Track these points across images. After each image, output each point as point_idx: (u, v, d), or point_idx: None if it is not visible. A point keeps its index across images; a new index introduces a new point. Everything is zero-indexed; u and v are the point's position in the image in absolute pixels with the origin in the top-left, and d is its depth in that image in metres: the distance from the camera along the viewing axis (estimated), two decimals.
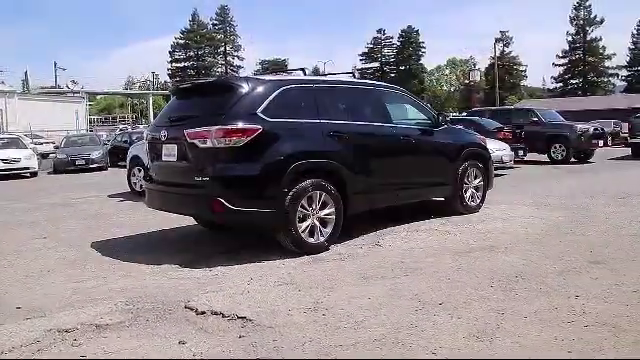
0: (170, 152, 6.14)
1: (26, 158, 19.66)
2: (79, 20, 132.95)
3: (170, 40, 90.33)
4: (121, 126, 43.54)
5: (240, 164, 5.67)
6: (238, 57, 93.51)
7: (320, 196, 6.10)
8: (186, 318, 4.07)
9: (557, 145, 18.47)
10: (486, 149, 8.83)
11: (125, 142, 23.63)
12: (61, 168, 21.06)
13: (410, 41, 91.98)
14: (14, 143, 21.05)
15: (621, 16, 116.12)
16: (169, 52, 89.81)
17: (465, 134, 8.69)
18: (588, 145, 18.71)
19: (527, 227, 7.12)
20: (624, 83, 78.68)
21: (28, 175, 19.69)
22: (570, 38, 78.23)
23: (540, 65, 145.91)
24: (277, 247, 6.01)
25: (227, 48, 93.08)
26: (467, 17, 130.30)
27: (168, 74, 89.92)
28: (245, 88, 5.90)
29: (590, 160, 18.88)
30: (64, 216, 9.69)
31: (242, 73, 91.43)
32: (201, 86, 6.61)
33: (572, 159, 18.47)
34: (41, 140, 29.63)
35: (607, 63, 77.77)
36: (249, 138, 5.60)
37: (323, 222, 6.18)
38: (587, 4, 76.24)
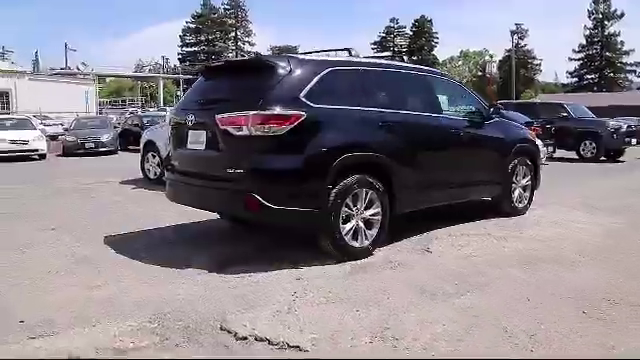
0: (197, 139, 5.40)
1: (35, 139, 18.94)
2: (89, 2, 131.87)
3: (180, 24, 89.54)
4: (131, 109, 42.79)
5: (280, 156, 4.91)
6: (249, 43, 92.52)
7: (366, 194, 5.36)
8: (224, 344, 3.35)
9: (587, 142, 17.65)
10: (536, 145, 8.06)
11: (136, 125, 22.93)
12: (70, 151, 20.35)
13: (423, 31, 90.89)
14: (23, 124, 20.36)
15: None
16: (180, 36, 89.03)
17: (515, 128, 7.88)
18: (621, 143, 17.86)
19: (589, 234, 6.37)
20: None
21: (37, 157, 18.98)
22: (587, 32, 76.73)
23: (552, 59, 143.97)
24: (314, 249, 5.28)
25: (238, 33, 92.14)
26: (481, 9, 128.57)
27: (178, 58, 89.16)
28: (286, 68, 5.13)
29: (620, 159, 18.06)
30: (74, 204, 8.98)
31: None
32: (235, 65, 5.81)
33: (602, 157, 17.65)
34: (50, 121, 28.95)
35: (625, 59, 76.37)
36: (291, 126, 4.85)
37: (368, 224, 5.45)
38: None
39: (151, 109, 42.97)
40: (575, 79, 79.24)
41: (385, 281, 4.55)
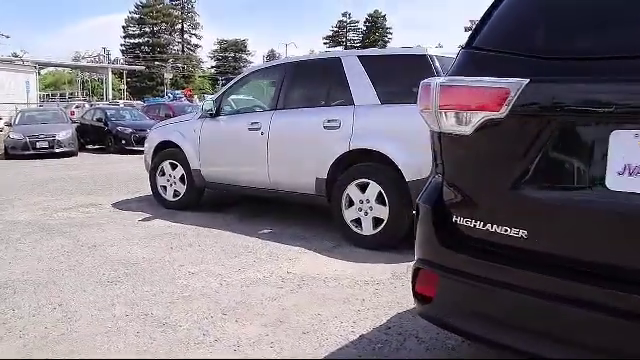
0: None
1: None
2: None
3: (121, 17, 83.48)
4: (77, 102, 37.45)
5: None
6: (196, 35, 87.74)
7: None
8: None
9: None
10: None
11: (99, 120, 18.72)
12: (15, 152, 15.62)
13: (376, 26, 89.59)
14: None
15: None
16: (122, 27, 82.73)
17: None
18: None
19: None
20: None
21: None
22: None
23: None
24: None
25: (184, 26, 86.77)
26: (436, 5, 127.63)
27: (121, 50, 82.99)
28: None
29: None
30: (57, 267, 4.67)
31: (200, 53, 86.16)
32: None
33: None
34: None
35: None
36: None
37: None
38: None
39: (100, 103, 38.01)
40: None
41: None
